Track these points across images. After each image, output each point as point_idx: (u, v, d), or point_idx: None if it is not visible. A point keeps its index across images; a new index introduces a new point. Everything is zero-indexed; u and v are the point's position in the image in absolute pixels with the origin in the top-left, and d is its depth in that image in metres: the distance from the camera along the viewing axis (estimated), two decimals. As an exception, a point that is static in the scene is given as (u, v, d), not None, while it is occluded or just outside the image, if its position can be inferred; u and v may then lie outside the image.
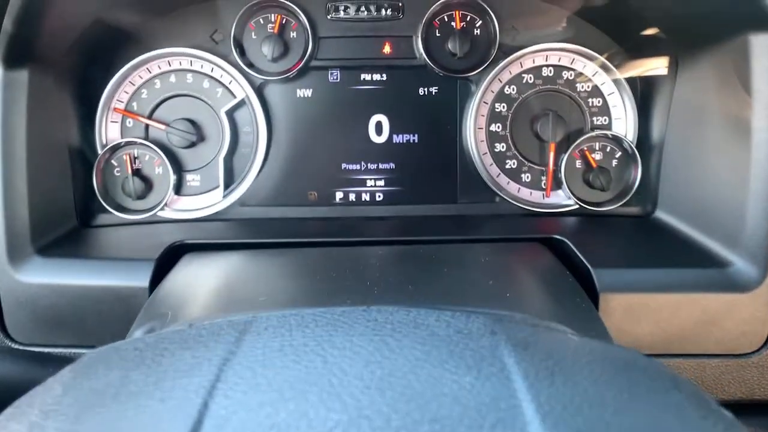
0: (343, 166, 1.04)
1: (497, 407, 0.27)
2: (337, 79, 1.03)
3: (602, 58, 1.00)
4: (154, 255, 0.84)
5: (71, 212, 0.96)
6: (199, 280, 0.79)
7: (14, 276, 0.82)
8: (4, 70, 0.82)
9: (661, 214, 0.98)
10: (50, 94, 0.90)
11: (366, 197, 1.05)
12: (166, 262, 0.84)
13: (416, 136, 1.03)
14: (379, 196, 1.05)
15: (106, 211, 0.99)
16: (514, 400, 0.28)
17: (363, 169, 1.04)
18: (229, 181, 1.03)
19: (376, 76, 1.03)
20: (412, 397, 0.27)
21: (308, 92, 1.03)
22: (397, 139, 1.03)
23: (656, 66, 0.97)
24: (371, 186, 1.05)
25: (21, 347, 0.84)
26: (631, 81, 1.01)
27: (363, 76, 1.03)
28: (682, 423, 0.29)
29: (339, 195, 1.05)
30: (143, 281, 0.81)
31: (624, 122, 1.02)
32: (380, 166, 1.04)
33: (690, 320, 0.78)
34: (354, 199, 1.05)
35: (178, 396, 0.28)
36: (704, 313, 0.78)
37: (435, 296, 0.58)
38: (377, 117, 1.03)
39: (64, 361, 0.63)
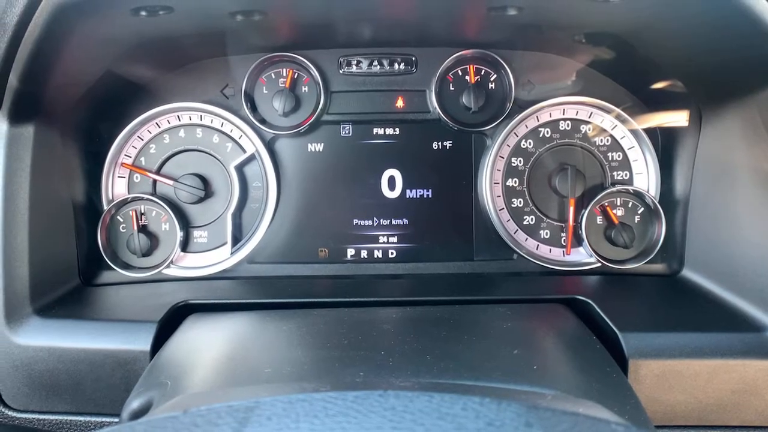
0: (355, 221, 1.01)
1: None
2: (349, 133, 1.01)
3: (619, 111, 0.97)
4: (157, 316, 0.80)
5: (74, 270, 0.92)
6: (203, 345, 0.75)
7: (11, 338, 0.79)
8: (9, 125, 0.80)
9: (688, 273, 0.93)
10: (56, 149, 0.88)
11: (378, 254, 1.01)
12: (170, 323, 0.81)
13: (430, 191, 1.00)
14: (392, 253, 1.01)
15: (110, 268, 0.96)
16: None
17: (375, 224, 1.01)
18: (237, 238, 1.00)
19: (389, 131, 1.00)
20: None
21: (319, 146, 1.01)
22: (411, 194, 1.00)
23: (677, 118, 0.94)
24: (384, 242, 1.01)
25: (15, 414, 0.80)
26: (652, 135, 0.98)
27: (375, 130, 1.00)
28: None
29: (351, 252, 1.01)
30: (145, 345, 0.77)
31: (646, 177, 0.98)
32: (393, 221, 1.01)
33: (726, 389, 0.72)
34: (366, 256, 1.01)
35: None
36: (742, 381, 0.73)
37: (456, 369, 0.53)
38: (390, 171, 1.00)
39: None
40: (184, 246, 0.99)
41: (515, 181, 0.99)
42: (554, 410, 0.31)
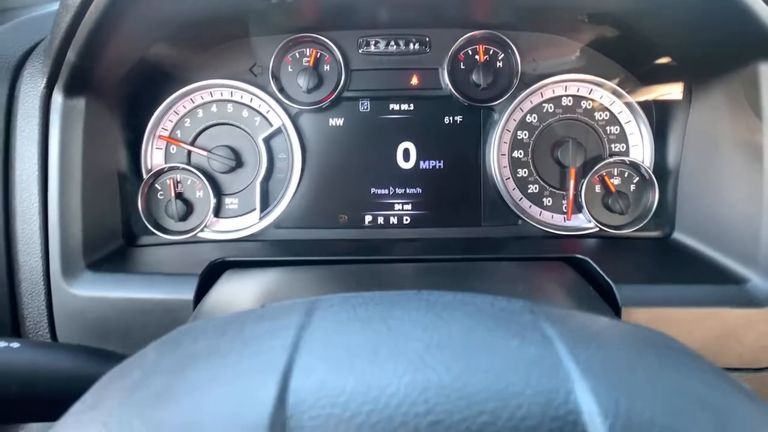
0: (372, 190, 1.10)
1: (542, 363, 0.31)
2: (367, 109, 1.09)
3: (616, 87, 1.05)
4: (198, 271, 0.89)
5: (118, 232, 1.01)
6: (241, 293, 0.84)
7: (67, 289, 0.88)
8: (63, 98, 0.89)
9: (678, 236, 1.02)
10: (103, 122, 0.97)
11: (394, 220, 1.10)
12: (208, 277, 0.90)
13: (442, 162, 1.09)
14: (407, 220, 1.10)
15: (149, 232, 1.05)
16: (556, 358, 0.32)
17: (391, 193, 1.09)
18: (265, 205, 1.08)
19: (404, 106, 1.09)
20: (467, 354, 0.32)
21: (340, 121, 1.09)
22: (424, 165, 1.09)
23: (670, 94, 1.02)
24: (399, 210, 1.10)
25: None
26: (646, 109, 1.06)
27: (392, 106, 1.09)
28: (707, 385, 0.34)
29: (368, 218, 1.10)
30: (188, 294, 0.86)
31: (641, 149, 1.07)
32: (407, 190, 1.09)
33: (710, 334, 0.81)
34: (382, 222, 1.10)
35: (265, 354, 0.33)
36: (723, 327, 0.81)
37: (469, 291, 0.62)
38: (405, 144, 1.09)
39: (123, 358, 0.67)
40: (217, 212, 1.08)
41: (521, 153, 1.08)
42: (552, 307, 0.40)
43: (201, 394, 0.31)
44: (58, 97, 0.89)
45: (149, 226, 1.05)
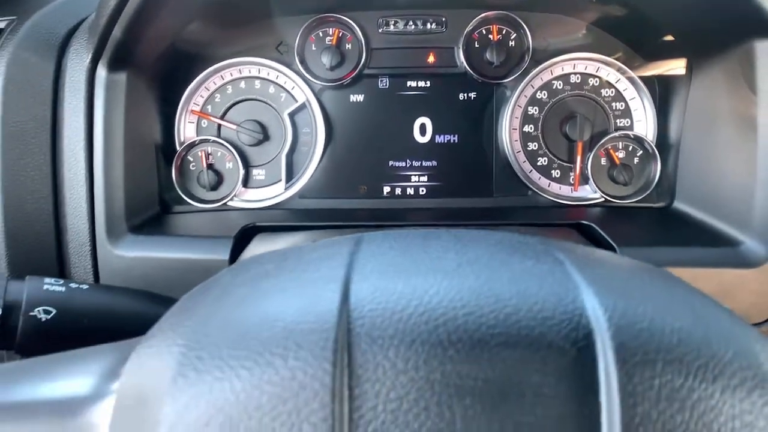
0: (390, 163, 1.16)
1: (553, 275, 0.39)
2: (386, 85, 1.16)
3: (621, 65, 1.12)
4: (232, 233, 0.96)
5: (155, 200, 1.09)
6: (273, 253, 0.92)
7: (112, 251, 0.95)
8: (107, 72, 0.96)
9: (678, 205, 1.08)
10: (141, 96, 1.04)
11: (410, 191, 1.17)
12: (241, 240, 0.97)
13: (456, 136, 1.16)
14: (423, 191, 1.17)
15: (182, 200, 1.12)
16: (566, 273, 0.39)
17: (408, 166, 1.16)
18: (290, 176, 1.15)
19: (421, 83, 1.15)
20: (491, 268, 0.39)
21: (360, 97, 1.16)
22: (439, 139, 1.16)
23: (672, 71, 1.08)
24: (415, 181, 1.17)
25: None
26: (650, 86, 1.12)
27: (409, 83, 1.15)
28: (691, 294, 0.41)
29: (386, 189, 1.17)
30: (224, 255, 0.93)
31: (645, 123, 1.13)
32: (424, 163, 1.16)
33: (706, 292, 0.88)
34: (400, 193, 1.17)
35: (325, 269, 0.40)
36: (719, 286, 0.88)
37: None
38: (421, 119, 1.16)
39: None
40: (245, 182, 1.15)
41: (531, 128, 1.15)
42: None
43: (277, 298, 0.38)
44: (102, 72, 0.96)
45: (182, 195, 1.12)
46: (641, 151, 1.13)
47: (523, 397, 0.32)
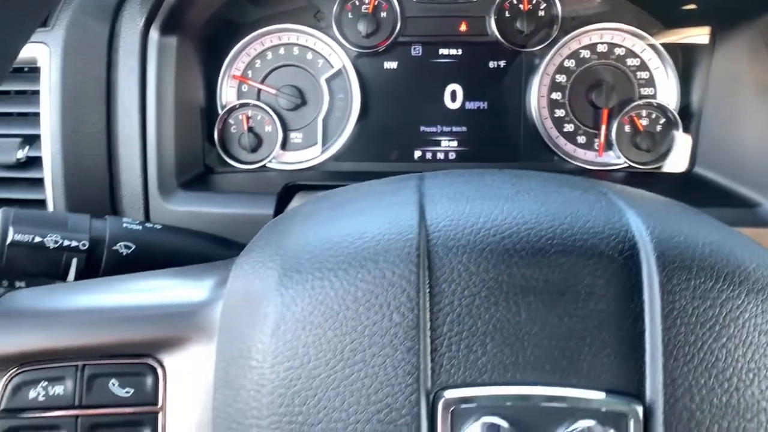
0: (422, 128, 1.22)
1: (600, 201, 0.44)
2: (419, 53, 1.21)
3: (647, 35, 1.16)
4: (275, 191, 1.02)
5: (200, 160, 1.15)
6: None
7: (164, 205, 1.02)
8: (159, 35, 1.02)
9: (699, 170, 1.13)
10: (188, 60, 1.10)
11: (440, 156, 1.22)
12: (283, 198, 1.03)
13: (486, 103, 1.21)
14: (452, 155, 1.22)
15: (223, 161, 1.19)
16: (611, 200, 0.45)
17: (439, 131, 1.22)
18: (326, 139, 1.21)
19: (453, 51, 1.20)
20: (545, 194, 0.45)
21: (394, 64, 1.21)
22: (470, 105, 1.21)
23: (696, 40, 1.13)
24: (446, 146, 1.22)
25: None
26: (674, 56, 1.17)
27: (441, 50, 1.20)
28: (719, 224, 0.47)
29: (417, 153, 1.22)
30: (269, 210, 1.00)
31: (668, 92, 1.18)
32: (454, 129, 1.22)
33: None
34: (430, 158, 1.22)
35: (399, 195, 0.46)
36: (736, 244, 0.93)
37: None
38: (452, 86, 1.21)
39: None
40: (283, 145, 1.21)
41: (558, 95, 1.19)
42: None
43: (360, 217, 0.44)
44: (154, 36, 1.02)
45: (224, 156, 1.18)
46: (664, 119, 1.18)
47: (577, 295, 0.38)
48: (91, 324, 0.43)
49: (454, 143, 1.22)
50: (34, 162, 1.00)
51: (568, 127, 1.20)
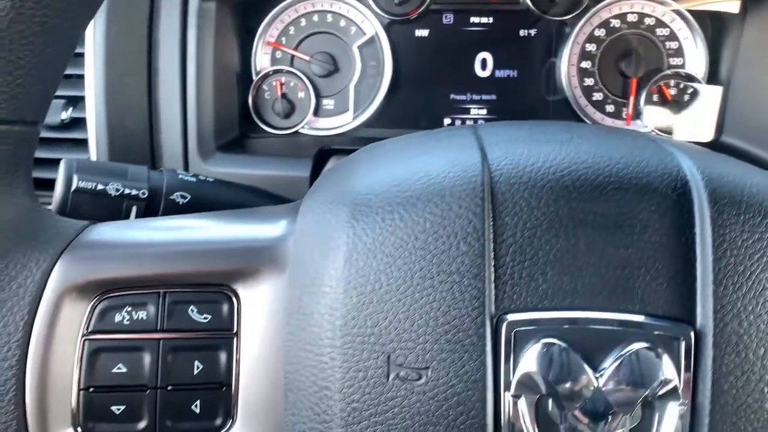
0: (452, 96, 1.24)
1: (653, 146, 0.47)
2: (450, 21, 1.22)
3: (677, 4, 1.17)
4: (310, 154, 1.05)
5: (236, 124, 1.18)
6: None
7: (202, 166, 1.05)
8: (199, 0, 1.04)
9: (726, 139, 1.15)
10: (226, 25, 1.12)
11: (470, 123, 1.24)
12: (318, 161, 1.06)
13: (516, 71, 1.22)
14: (481, 123, 1.24)
15: (256, 127, 1.21)
16: (662, 147, 0.47)
17: (468, 99, 1.24)
18: (358, 106, 1.23)
19: (484, 19, 1.22)
20: (600, 138, 0.47)
21: (425, 32, 1.23)
22: (500, 74, 1.22)
23: (726, 11, 1.14)
24: (475, 114, 1.24)
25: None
26: (703, 26, 1.18)
27: (472, 19, 1.22)
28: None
29: (447, 121, 1.24)
30: (305, 172, 1.03)
31: (696, 62, 1.19)
32: (483, 97, 1.23)
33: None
34: (460, 125, 1.24)
35: (458, 139, 0.49)
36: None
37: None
38: (483, 55, 1.22)
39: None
40: (316, 111, 1.23)
41: (588, 64, 1.21)
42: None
43: (423, 158, 0.47)
44: (194, 0, 1.04)
45: (258, 122, 1.21)
46: (692, 89, 1.19)
47: (633, 228, 0.41)
48: (172, 255, 0.46)
49: (484, 111, 1.24)
50: (78, 123, 1.04)
51: (597, 96, 1.21)
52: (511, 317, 0.40)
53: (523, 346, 0.40)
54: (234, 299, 0.46)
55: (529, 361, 0.40)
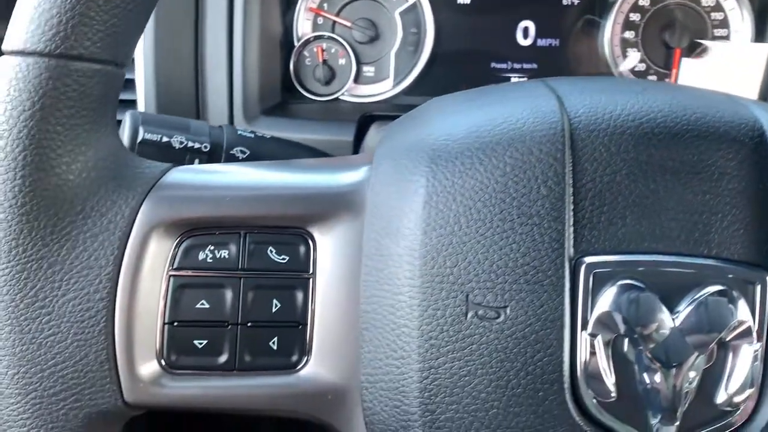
0: (492, 64, 1.24)
1: (723, 100, 0.47)
2: (492, -11, 1.22)
3: (727, -23, 1.16)
4: (353, 119, 1.06)
5: (278, 90, 1.19)
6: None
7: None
8: (246, -34, 1.05)
9: (772, 109, 1.14)
10: (270, -9, 1.13)
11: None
12: (361, 126, 1.07)
13: (558, 40, 1.22)
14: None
15: (297, 93, 1.22)
16: (732, 98, 0.48)
17: (509, 68, 1.23)
18: (398, 73, 1.24)
19: (527, -13, 1.21)
20: (673, 90, 0.48)
21: (467, 0, 1.22)
22: (541, 42, 1.22)
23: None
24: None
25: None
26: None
27: (515, -14, 1.21)
28: None
29: (486, 90, 1.24)
30: (348, 137, 1.04)
31: (741, 34, 1.18)
32: (524, 66, 1.23)
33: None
34: (498, 95, 1.24)
35: (531, 91, 0.49)
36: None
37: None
38: (525, 23, 1.22)
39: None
40: (356, 78, 1.24)
41: (632, 34, 1.20)
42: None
43: (499, 106, 0.47)
44: (241, -35, 1.05)
45: (298, 87, 1.22)
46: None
47: (711, 175, 0.41)
48: (253, 198, 0.47)
49: (524, 80, 1.23)
50: (128, 84, 1.05)
51: (640, 67, 1.21)
52: (590, 259, 0.41)
53: (601, 287, 0.41)
54: (310, 242, 0.47)
55: (607, 301, 0.41)
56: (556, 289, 0.41)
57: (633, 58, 1.20)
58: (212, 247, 0.47)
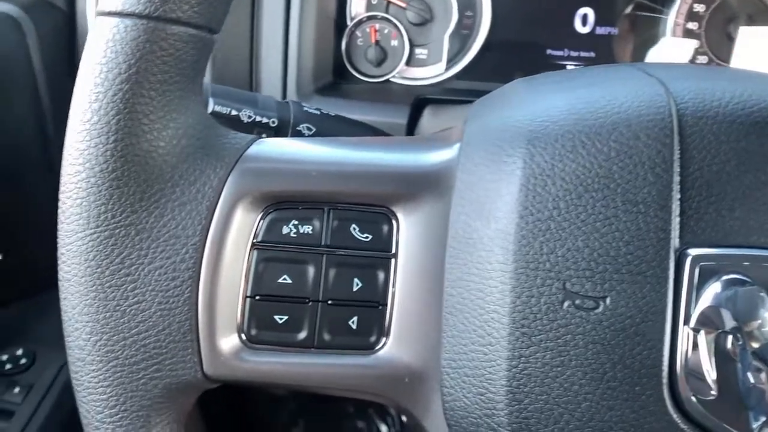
0: (548, 51, 1.21)
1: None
2: (552, -26, 1.19)
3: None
4: (407, 102, 1.05)
5: (330, 70, 1.18)
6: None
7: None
8: (300, -51, 1.04)
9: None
10: (327, -32, 1.11)
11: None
12: (415, 109, 1.05)
13: (617, 29, 1.19)
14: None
15: (347, 73, 1.21)
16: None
17: (566, 56, 1.21)
18: (451, 57, 1.22)
19: (588, -26, 1.18)
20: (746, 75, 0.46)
21: (526, -15, 1.20)
22: (600, 30, 1.19)
23: None
24: (570, 71, 1.21)
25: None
26: (824, -10, 1.12)
27: (575, -28, 1.18)
28: None
29: (541, 77, 1.22)
30: (402, 119, 1.02)
31: (811, 28, 1.13)
32: (582, 54, 1.20)
33: None
34: (552, 83, 1.22)
35: (633, 72, 0.47)
36: None
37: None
38: (584, 10, 1.19)
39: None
40: (408, 60, 1.22)
41: (695, 25, 1.16)
42: None
43: (600, 88, 0.46)
44: (295, -49, 1.04)
45: (350, 68, 1.21)
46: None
47: None
48: (338, 174, 0.46)
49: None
50: (183, 58, 1.05)
51: (702, 59, 1.17)
52: (695, 252, 0.39)
53: (706, 281, 0.39)
54: (394, 221, 0.46)
55: (711, 296, 0.39)
56: (660, 280, 0.39)
57: (696, 50, 1.17)
58: (296, 222, 0.46)
